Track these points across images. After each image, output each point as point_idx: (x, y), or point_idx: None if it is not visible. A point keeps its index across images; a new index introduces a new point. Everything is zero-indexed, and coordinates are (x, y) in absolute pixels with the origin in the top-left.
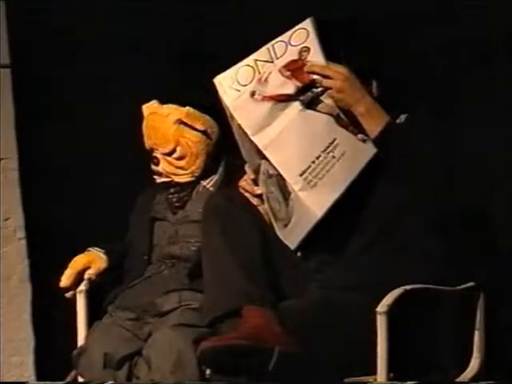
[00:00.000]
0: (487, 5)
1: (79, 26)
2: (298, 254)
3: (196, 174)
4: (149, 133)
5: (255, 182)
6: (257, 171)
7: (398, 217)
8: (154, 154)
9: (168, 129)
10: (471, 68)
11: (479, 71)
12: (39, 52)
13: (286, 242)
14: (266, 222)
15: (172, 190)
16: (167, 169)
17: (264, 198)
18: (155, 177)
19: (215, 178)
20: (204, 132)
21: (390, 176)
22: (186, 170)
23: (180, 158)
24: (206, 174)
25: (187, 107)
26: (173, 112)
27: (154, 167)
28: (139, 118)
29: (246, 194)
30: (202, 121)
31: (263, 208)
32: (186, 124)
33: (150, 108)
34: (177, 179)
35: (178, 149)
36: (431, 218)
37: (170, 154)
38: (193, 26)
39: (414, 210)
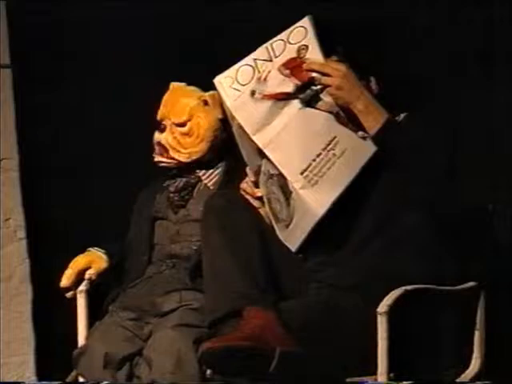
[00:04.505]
0: (488, 4)
1: (79, 26)
2: (300, 255)
3: (193, 157)
4: (166, 101)
5: (256, 184)
6: (257, 173)
7: (397, 214)
8: (163, 122)
9: (189, 101)
10: (472, 66)
11: (480, 69)
12: (39, 52)
13: (287, 244)
14: (265, 222)
15: (173, 189)
16: (169, 140)
17: (265, 199)
18: (155, 155)
19: (216, 176)
20: (220, 120)
21: (388, 173)
22: (186, 148)
23: (186, 134)
24: (205, 167)
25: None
26: (198, 92)
27: (157, 135)
28: (140, 118)
29: (247, 197)
30: (222, 110)
31: (264, 210)
32: (207, 104)
33: (177, 84)
34: (173, 154)
35: (189, 124)
36: (430, 216)
37: (179, 125)
38: (192, 25)
39: (413, 207)
